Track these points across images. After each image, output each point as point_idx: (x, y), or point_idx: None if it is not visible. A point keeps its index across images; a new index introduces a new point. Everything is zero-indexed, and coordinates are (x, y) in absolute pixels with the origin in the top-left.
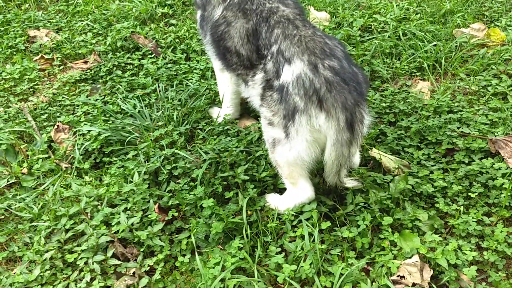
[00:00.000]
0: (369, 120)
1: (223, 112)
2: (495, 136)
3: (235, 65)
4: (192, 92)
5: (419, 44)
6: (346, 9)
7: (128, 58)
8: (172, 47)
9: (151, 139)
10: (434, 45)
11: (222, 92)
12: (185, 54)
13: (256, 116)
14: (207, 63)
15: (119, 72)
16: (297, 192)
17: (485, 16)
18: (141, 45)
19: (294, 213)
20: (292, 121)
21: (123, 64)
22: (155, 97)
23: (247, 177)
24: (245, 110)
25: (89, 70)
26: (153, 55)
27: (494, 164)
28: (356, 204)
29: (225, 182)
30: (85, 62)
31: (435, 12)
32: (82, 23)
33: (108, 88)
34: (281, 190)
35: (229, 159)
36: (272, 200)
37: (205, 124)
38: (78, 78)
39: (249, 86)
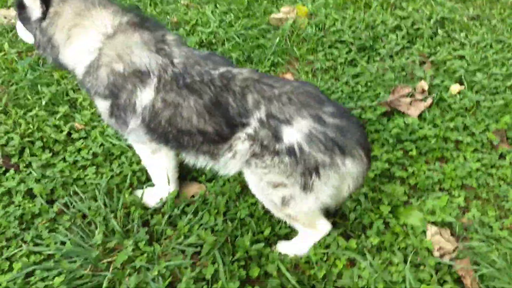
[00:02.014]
0: None
1: (164, 191)
2: None
3: (197, 145)
4: None
5: None
6: None
7: None
8: None
9: None
10: None
11: (157, 174)
12: None
13: (193, 177)
14: None
15: None
16: (316, 231)
17: None
18: None
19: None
20: (317, 176)
21: None
22: None
23: None
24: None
25: None
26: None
27: None
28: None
29: None
30: None
31: None
32: None
33: None
34: None
35: None
36: (287, 248)
37: None
38: None
39: (221, 158)
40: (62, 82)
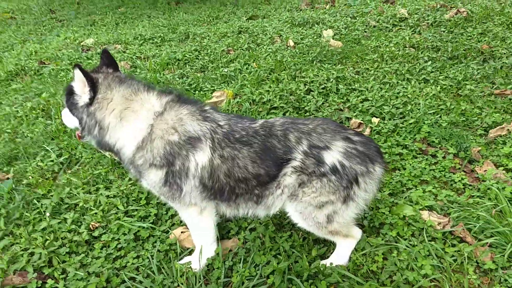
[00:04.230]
0: None
1: (209, 251)
2: None
3: (250, 190)
4: None
5: None
6: None
7: None
8: None
9: None
10: None
11: (204, 234)
12: None
13: (226, 229)
14: None
15: None
16: (353, 239)
17: None
18: None
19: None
20: (357, 185)
21: None
22: None
23: None
24: None
25: None
26: None
27: None
28: None
29: None
30: None
31: None
32: None
33: None
34: None
35: None
36: (333, 261)
37: None
38: None
39: (269, 197)
40: (49, 195)
